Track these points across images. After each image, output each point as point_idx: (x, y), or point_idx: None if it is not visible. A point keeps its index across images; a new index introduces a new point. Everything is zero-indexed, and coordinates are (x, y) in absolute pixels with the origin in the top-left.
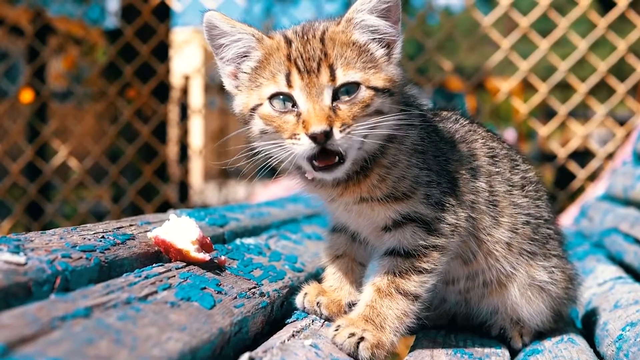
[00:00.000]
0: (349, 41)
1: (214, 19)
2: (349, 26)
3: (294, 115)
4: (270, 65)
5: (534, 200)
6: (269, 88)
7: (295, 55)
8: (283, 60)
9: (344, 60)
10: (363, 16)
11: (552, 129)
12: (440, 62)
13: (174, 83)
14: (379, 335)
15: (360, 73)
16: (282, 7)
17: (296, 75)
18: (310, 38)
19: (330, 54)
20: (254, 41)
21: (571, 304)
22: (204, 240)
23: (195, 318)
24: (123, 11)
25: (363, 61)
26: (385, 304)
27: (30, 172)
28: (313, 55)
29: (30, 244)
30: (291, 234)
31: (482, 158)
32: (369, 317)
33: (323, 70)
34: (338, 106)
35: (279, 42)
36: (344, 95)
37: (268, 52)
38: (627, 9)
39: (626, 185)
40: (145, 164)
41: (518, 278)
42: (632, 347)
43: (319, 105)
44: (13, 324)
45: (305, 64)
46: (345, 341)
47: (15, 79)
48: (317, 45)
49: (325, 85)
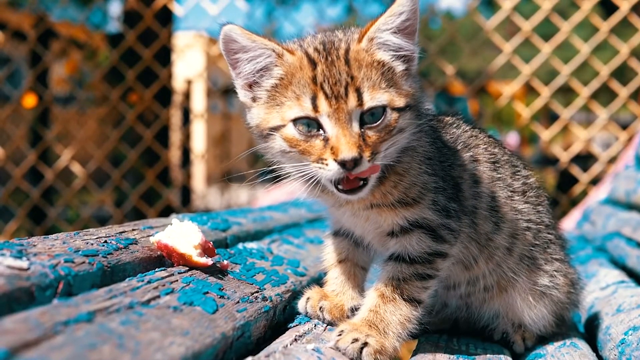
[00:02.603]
0: (373, 61)
1: (233, 34)
2: (372, 46)
3: (320, 140)
4: (293, 85)
5: (534, 206)
6: (292, 110)
7: (321, 78)
8: (308, 82)
9: (370, 83)
10: (387, 37)
11: (554, 132)
12: (442, 66)
13: (177, 87)
14: (382, 340)
15: (386, 94)
16: (284, 10)
17: (323, 99)
18: (334, 59)
19: (357, 77)
20: (274, 57)
21: (573, 308)
22: (207, 245)
23: (198, 322)
24: (125, 15)
25: (387, 80)
26: (389, 310)
27: (33, 176)
28: (340, 79)
29: (33, 249)
30: (293, 238)
31: (484, 164)
32: (372, 322)
33: (351, 94)
34: (366, 132)
35: (301, 61)
36: (370, 119)
37: (290, 71)
38: (629, 13)
39: (628, 189)
40: (148, 168)
41: (519, 283)
42: (634, 351)
43: (348, 132)
44: (16, 328)
45: (333, 89)
46: (348, 346)
47: (17, 83)
48: (342, 68)
49: (353, 110)
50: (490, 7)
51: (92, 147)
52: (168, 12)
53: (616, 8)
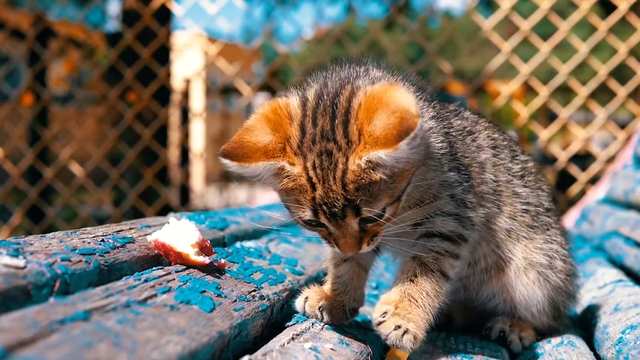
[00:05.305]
0: (372, 181)
1: (229, 166)
2: (370, 166)
3: (325, 230)
4: (296, 192)
5: (533, 190)
6: (296, 212)
7: (319, 201)
8: (308, 199)
9: (367, 200)
10: (389, 162)
11: (553, 132)
12: (441, 66)
13: (175, 86)
14: (419, 324)
15: (385, 199)
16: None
17: (322, 216)
18: (330, 183)
19: (355, 199)
20: (276, 170)
21: (571, 300)
22: (204, 244)
23: (195, 321)
24: (124, 14)
25: (386, 187)
26: (427, 280)
27: (32, 175)
28: (337, 203)
29: (29, 248)
30: (291, 237)
31: (487, 150)
32: (411, 295)
33: (349, 213)
34: (367, 225)
35: (300, 177)
36: (370, 218)
37: (292, 181)
38: (627, 12)
39: (627, 188)
40: (146, 167)
41: (514, 262)
42: (632, 350)
43: (348, 236)
44: (12, 327)
45: (331, 211)
46: (391, 333)
47: (16, 82)
48: (339, 192)
49: (351, 221)
50: (488, 6)
51: (91, 146)
52: (167, 11)
53: (615, 7)
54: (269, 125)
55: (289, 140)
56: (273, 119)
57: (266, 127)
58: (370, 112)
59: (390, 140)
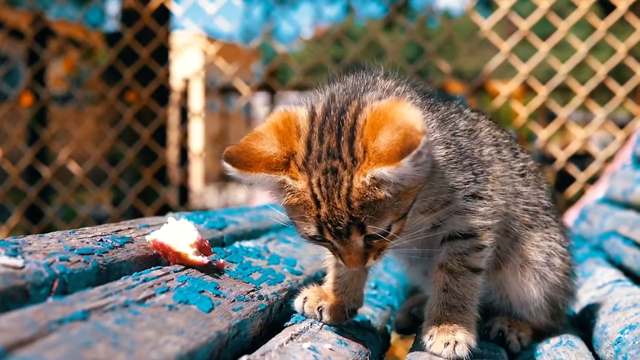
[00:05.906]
0: (377, 198)
1: (229, 170)
2: (374, 183)
3: (330, 245)
4: (300, 207)
5: (533, 189)
6: (302, 227)
7: (324, 219)
8: (313, 217)
9: (372, 218)
10: (393, 179)
11: (552, 132)
12: (440, 66)
13: (174, 86)
14: (466, 327)
15: (390, 217)
16: (281, 10)
17: (327, 233)
18: (335, 201)
19: (359, 217)
20: (277, 184)
21: (570, 298)
22: (203, 244)
23: (194, 321)
24: (123, 14)
25: (390, 204)
26: (461, 283)
27: (30, 175)
28: (341, 222)
29: (28, 247)
30: (290, 237)
31: (489, 147)
32: (449, 303)
33: (353, 231)
34: (372, 241)
35: (304, 193)
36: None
37: (297, 196)
38: (626, 12)
39: (625, 188)
40: (145, 167)
41: (511, 261)
42: (630, 349)
43: (351, 254)
44: (10, 327)
45: (336, 229)
46: (443, 351)
47: (15, 82)
48: (344, 210)
49: (356, 239)
50: (487, 6)
51: (90, 146)
52: (166, 11)
53: (614, 7)
54: (277, 136)
55: (294, 156)
56: (282, 131)
57: (274, 138)
58: (376, 128)
59: (393, 157)
